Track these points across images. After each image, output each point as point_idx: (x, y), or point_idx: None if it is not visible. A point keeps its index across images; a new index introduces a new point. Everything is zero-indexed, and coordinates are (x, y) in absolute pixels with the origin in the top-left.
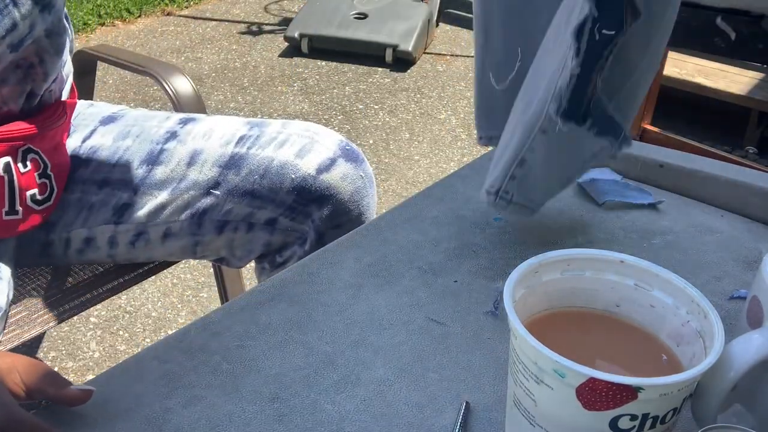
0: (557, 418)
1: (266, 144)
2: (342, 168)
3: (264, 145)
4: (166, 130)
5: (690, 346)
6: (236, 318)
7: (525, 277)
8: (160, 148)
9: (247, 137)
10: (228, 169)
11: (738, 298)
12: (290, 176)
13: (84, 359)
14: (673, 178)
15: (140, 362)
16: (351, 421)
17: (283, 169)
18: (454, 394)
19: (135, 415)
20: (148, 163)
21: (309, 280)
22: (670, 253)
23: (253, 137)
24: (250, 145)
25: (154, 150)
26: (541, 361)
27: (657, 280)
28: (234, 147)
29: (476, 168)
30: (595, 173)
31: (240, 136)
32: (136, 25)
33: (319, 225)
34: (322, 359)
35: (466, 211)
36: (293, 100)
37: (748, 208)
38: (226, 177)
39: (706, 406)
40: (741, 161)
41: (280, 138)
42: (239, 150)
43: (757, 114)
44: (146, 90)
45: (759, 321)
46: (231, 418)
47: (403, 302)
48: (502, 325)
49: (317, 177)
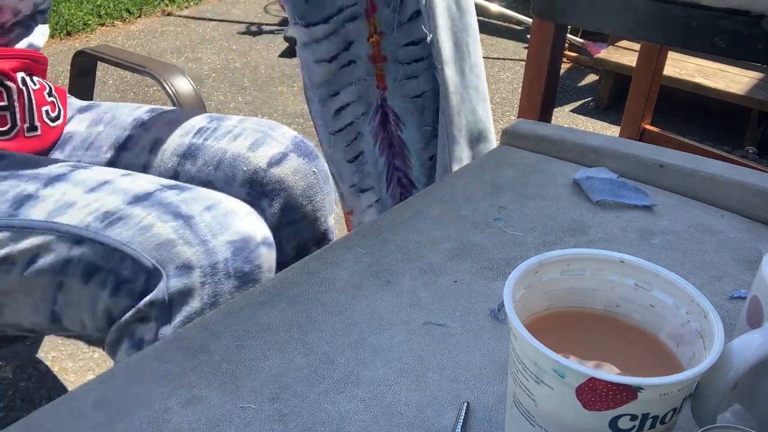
0: (557, 418)
1: (221, 136)
2: (293, 162)
3: (219, 137)
4: (134, 117)
5: (690, 346)
6: (236, 318)
7: (525, 277)
8: (127, 134)
9: (205, 129)
10: (185, 159)
11: (738, 298)
12: (242, 168)
13: (84, 359)
14: (673, 178)
15: (140, 362)
16: (351, 421)
17: (235, 161)
18: (454, 394)
19: (135, 415)
20: (115, 149)
21: (309, 280)
22: (670, 253)
23: (211, 129)
24: (207, 136)
25: (122, 136)
26: (541, 361)
27: (657, 280)
28: (192, 138)
29: (476, 168)
30: (591, 171)
31: (199, 127)
32: (136, 25)
33: (273, 221)
34: (322, 359)
35: (466, 211)
36: (293, 100)
37: (748, 208)
38: (184, 167)
39: (706, 406)
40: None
41: (235, 131)
42: (196, 141)
43: (757, 114)
44: (146, 90)
45: (759, 321)
46: (231, 418)
47: (403, 302)
48: (502, 325)
49: (268, 170)
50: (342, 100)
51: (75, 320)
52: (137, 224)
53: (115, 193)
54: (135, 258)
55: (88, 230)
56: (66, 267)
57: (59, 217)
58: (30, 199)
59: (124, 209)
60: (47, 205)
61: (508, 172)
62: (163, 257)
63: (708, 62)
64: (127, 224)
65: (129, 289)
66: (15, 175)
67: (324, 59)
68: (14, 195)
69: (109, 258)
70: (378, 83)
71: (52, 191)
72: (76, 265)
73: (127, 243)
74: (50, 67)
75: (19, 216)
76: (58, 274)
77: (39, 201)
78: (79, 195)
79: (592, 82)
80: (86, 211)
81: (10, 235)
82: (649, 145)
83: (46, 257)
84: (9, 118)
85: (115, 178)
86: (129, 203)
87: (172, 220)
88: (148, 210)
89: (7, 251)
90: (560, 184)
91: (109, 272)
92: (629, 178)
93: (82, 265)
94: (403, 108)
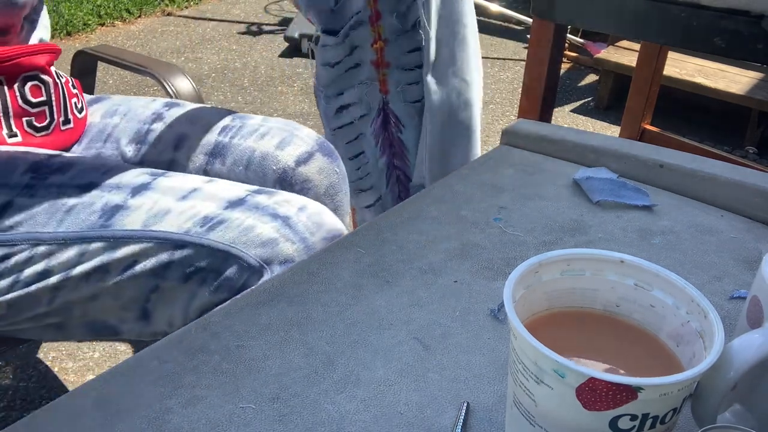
0: (557, 418)
1: (248, 135)
2: (319, 162)
3: (246, 136)
4: (152, 111)
5: (690, 346)
6: (236, 318)
7: (525, 277)
8: (147, 128)
9: (229, 127)
10: (214, 157)
11: (738, 298)
12: (272, 167)
13: (84, 359)
14: (673, 178)
15: (140, 362)
16: (351, 421)
17: (264, 160)
18: (454, 394)
19: (135, 415)
20: (136, 143)
21: (309, 280)
22: (670, 253)
23: (236, 128)
24: (233, 135)
25: (141, 129)
26: (541, 361)
27: (657, 280)
28: (218, 136)
29: (476, 168)
30: (591, 171)
31: (223, 126)
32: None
33: None
34: (322, 359)
35: (466, 210)
36: (293, 100)
37: (748, 208)
38: (213, 165)
39: (706, 406)
40: (741, 161)
41: (261, 130)
42: (222, 139)
43: (757, 114)
44: (146, 90)
45: (759, 321)
46: (231, 418)
47: (403, 302)
48: (502, 325)
49: (296, 169)
50: (344, 100)
51: (164, 317)
52: (239, 226)
53: (208, 199)
54: (240, 257)
55: (190, 235)
56: (165, 270)
57: (156, 225)
58: (120, 210)
59: (222, 213)
60: (140, 214)
61: (508, 172)
62: (267, 254)
63: (708, 62)
64: (228, 227)
65: (230, 286)
66: (95, 185)
67: (329, 63)
68: (102, 206)
69: (213, 259)
70: (381, 87)
71: (141, 200)
72: (176, 267)
73: (232, 243)
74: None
75: (112, 226)
76: (156, 277)
77: (130, 211)
78: (172, 203)
79: (592, 82)
80: (184, 218)
81: (104, 246)
82: (649, 145)
83: (145, 263)
84: (48, 113)
85: (201, 186)
86: (225, 208)
87: (271, 221)
88: (246, 213)
89: (102, 260)
90: (560, 184)
91: (211, 271)
92: (629, 178)
93: (183, 266)
94: (403, 111)
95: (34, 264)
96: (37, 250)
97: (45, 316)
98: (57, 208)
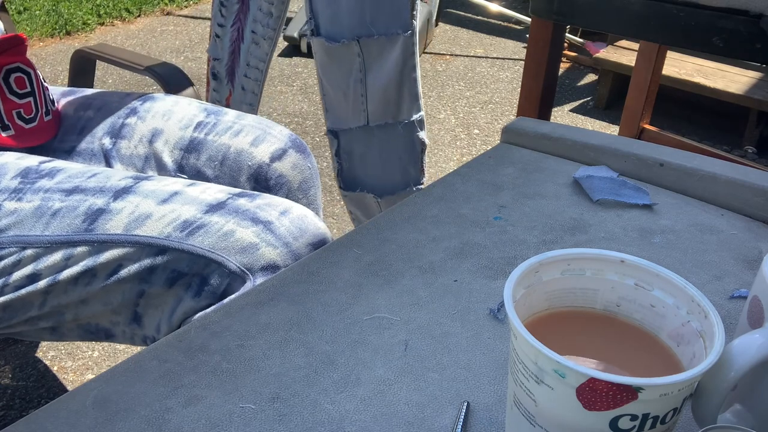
0: (557, 418)
1: (222, 132)
2: (292, 158)
3: (221, 133)
4: (126, 105)
5: (690, 346)
6: (236, 318)
7: (525, 277)
8: (121, 122)
9: (204, 123)
10: (188, 153)
11: (738, 297)
12: (247, 163)
13: (83, 359)
14: (673, 177)
15: (140, 362)
16: (351, 421)
17: (239, 157)
18: (454, 394)
19: (135, 415)
20: (111, 136)
21: (309, 279)
22: (670, 253)
23: (210, 124)
24: (208, 131)
25: (116, 123)
26: (541, 361)
27: (657, 279)
28: (192, 132)
29: (476, 167)
30: (591, 170)
31: (198, 121)
32: (136, 24)
33: None
34: (322, 359)
35: (466, 210)
36: (293, 100)
37: (748, 208)
38: (188, 161)
39: (706, 406)
40: (740, 161)
41: (236, 127)
42: (198, 135)
43: (756, 114)
44: (146, 90)
45: (759, 321)
46: (231, 418)
47: (403, 302)
48: (502, 325)
49: (270, 165)
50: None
51: (153, 321)
52: (218, 231)
53: (188, 203)
54: (220, 263)
55: (170, 240)
56: (150, 275)
57: (137, 229)
58: (102, 213)
59: (202, 218)
60: (122, 218)
61: (508, 171)
62: (248, 260)
63: (707, 62)
64: (207, 232)
65: (211, 292)
66: (79, 189)
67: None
68: (85, 210)
69: (194, 264)
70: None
71: (123, 204)
72: (160, 272)
73: (212, 249)
74: (50, 66)
75: (95, 230)
76: (142, 282)
77: (113, 214)
78: (153, 207)
79: (592, 81)
80: (164, 222)
81: (89, 249)
82: (649, 144)
83: (130, 267)
84: (33, 105)
85: (183, 189)
86: (205, 212)
87: (251, 225)
88: (226, 217)
89: (88, 264)
90: (560, 183)
91: (194, 276)
92: (629, 177)
93: (167, 272)
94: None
95: (23, 267)
96: (25, 253)
97: (38, 320)
98: (43, 211)
